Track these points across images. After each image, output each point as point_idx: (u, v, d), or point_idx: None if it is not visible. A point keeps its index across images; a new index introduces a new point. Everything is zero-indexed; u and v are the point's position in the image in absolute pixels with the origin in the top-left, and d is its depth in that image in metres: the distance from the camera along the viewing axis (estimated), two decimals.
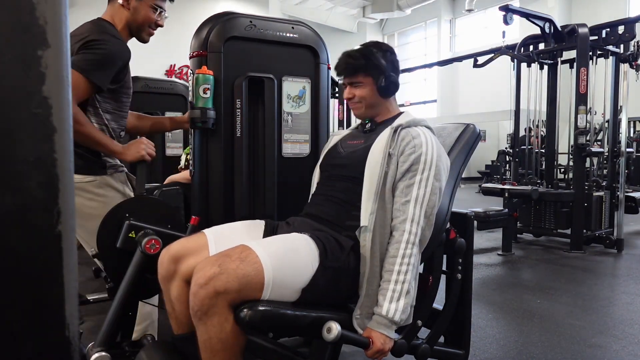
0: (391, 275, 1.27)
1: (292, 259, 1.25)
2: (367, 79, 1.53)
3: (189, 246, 1.39)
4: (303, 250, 1.28)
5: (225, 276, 1.14)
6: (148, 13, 1.73)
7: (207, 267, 1.16)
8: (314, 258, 1.28)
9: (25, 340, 0.43)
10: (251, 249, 1.21)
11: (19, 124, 0.42)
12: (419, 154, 1.35)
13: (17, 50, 0.41)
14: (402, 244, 1.29)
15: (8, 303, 0.42)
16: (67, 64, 0.45)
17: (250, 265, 1.17)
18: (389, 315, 1.25)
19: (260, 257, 1.19)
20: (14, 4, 0.41)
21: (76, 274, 0.47)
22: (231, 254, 1.19)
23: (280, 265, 1.21)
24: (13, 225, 0.42)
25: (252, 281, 1.16)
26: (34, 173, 0.42)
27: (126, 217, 1.64)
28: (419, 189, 1.33)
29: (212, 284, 1.13)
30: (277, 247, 1.27)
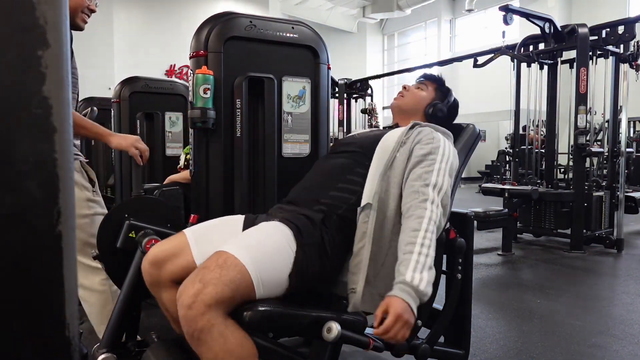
0: (414, 247, 1.18)
1: (269, 249, 1.22)
2: (431, 90, 1.68)
3: (168, 248, 1.37)
4: (277, 237, 1.26)
5: (212, 287, 1.08)
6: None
7: (189, 286, 1.10)
8: (289, 241, 1.26)
9: (25, 340, 0.43)
10: (227, 253, 1.16)
11: (19, 124, 0.42)
12: (437, 146, 1.37)
13: (17, 50, 0.41)
14: (425, 220, 1.21)
15: (8, 303, 0.42)
16: (67, 64, 0.45)
17: (233, 269, 1.12)
18: (414, 282, 1.12)
19: (239, 257, 1.15)
20: (14, 4, 0.41)
21: (76, 274, 0.47)
22: (208, 265, 1.14)
23: (260, 259, 1.18)
24: (13, 225, 0.42)
25: (241, 284, 1.13)
26: (34, 173, 0.42)
27: (126, 217, 1.64)
28: (438, 177, 1.31)
29: (200, 300, 1.07)
30: (251, 241, 1.24)
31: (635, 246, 4.72)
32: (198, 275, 1.11)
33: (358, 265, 1.30)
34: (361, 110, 8.91)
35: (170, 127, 3.55)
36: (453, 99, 1.71)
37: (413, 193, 1.28)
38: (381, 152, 1.41)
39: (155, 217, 1.69)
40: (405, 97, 1.67)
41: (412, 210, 1.25)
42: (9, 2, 0.41)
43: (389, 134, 1.46)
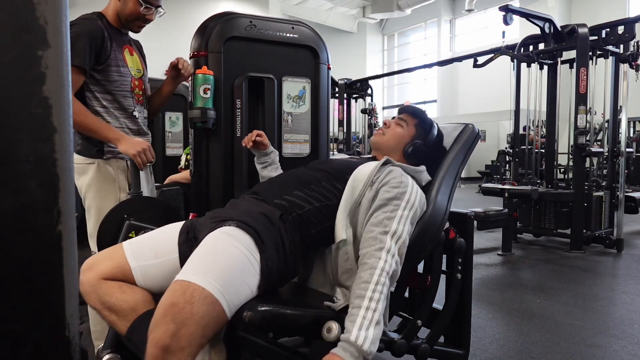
0: (362, 301, 1.15)
1: (234, 267, 1.16)
2: (411, 127, 1.62)
3: (100, 254, 1.34)
4: (237, 249, 1.19)
5: (186, 329, 1.03)
6: (134, 6, 1.76)
7: (161, 327, 1.03)
8: (251, 250, 1.21)
9: (25, 340, 0.43)
10: (192, 284, 1.08)
11: (19, 124, 0.42)
12: (403, 192, 1.35)
13: (17, 50, 0.41)
14: (377, 271, 1.19)
15: (8, 303, 0.42)
16: (67, 64, 0.45)
17: (203, 303, 1.06)
18: (358, 342, 1.09)
19: (206, 287, 1.08)
20: (14, 4, 0.41)
21: (76, 274, 0.47)
22: (176, 301, 1.06)
23: (228, 283, 1.12)
24: (13, 226, 0.42)
25: (213, 317, 1.08)
26: (34, 173, 0.42)
27: (126, 217, 1.64)
28: (399, 225, 1.29)
29: (176, 343, 1.02)
30: (212, 263, 1.15)
31: (635, 246, 4.72)
32: (168, 315, 1.04)
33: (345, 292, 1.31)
34: (361, 110, 8.91)
35: (170, 127, 3.56)
36: (436, 133, 1.63)
37: (371, 239, 1.26)
38: (352, 186, 1.39)
39: (155, 217, 1.69)
40: (386, 134, 1.63)
41: (366, 257, 1.24)
42: (9, 2, 0.41)
43: (362, 167, 1.43)
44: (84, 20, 1.73)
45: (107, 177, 1.79)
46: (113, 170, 1.79)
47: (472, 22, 15.55)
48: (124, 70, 1.81)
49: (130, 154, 1.69)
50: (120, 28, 1.83)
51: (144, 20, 1.81)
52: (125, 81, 1.82)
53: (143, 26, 1.84)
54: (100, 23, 1.75)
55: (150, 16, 1.81)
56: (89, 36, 1.68)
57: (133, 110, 1.85)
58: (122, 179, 1.80)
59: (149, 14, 1.79)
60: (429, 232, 1.43)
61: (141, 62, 1.93)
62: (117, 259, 1.29)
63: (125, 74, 1.82)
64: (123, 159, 1.80)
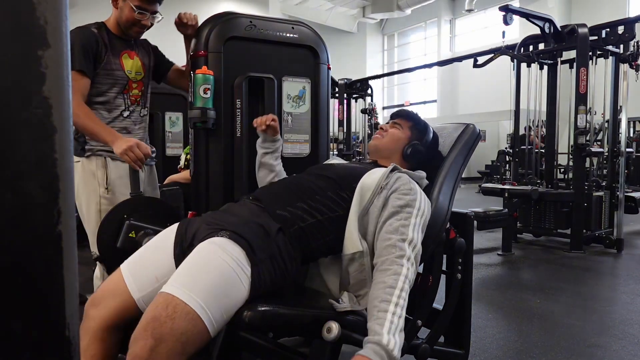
0: (389, 305, 1.15)
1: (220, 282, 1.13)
2: (406, 129, 1.64)
3: (105, 287, 1.31)
4: (225, 263, 1.16)
5: (164, 345, 1.02)
6: (130, 13, 1.83)
7: (140, 342, 1.03)
8: (241, 263, 1.17)
9: (25, 340, 0.43)
10: (176, 298, 1.07)
11: (19, 124, 0.42)
12: (414, 199, 1.35)
13: (17, 50, 0.41)
14: (401, 277, 1.19)
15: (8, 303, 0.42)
16: (67, 64, 0.45)
17: (184, 319, 1.05)
18: (389, 346, 1.08)
19: (190, 304, 1.07)
20: (14, 4, 0.41)
21: (76, 274, 0.47)
22: (157, 315, 1.05)
23: (212, 298, 1.10)
24: (13, 226, 0.42)
25: (194, 333, 1.07)
26: (34, 173, 0.42)
27: (125, 217, 1.64)
28: (414, 232, 1.29)
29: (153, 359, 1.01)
30: (198, 277, 1.13)
31: (635, 246, 4.72)
32: (148, 329, 1.04)
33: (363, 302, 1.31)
34: (361, 110, 8.91)
35: (170, 127, 3.56)
36: (432, 135, 1.66)
37: (389, 247, 1.26)
38: (360, 194, 1.38)
39: (155, 217, 1.69)
40: (385, 137, 1.63)
41: (387, 264, 1.23)
42: (9, 2, 0.41)
43: (370, 174, 1.42)
44: (77, 29, 1.82)
45: (90, 174, 1.86)
46: (93, 167, 1.86)
47: (472, 22, 15.55)
48: (118, 74, 1.89)
49: (117, 153, 1.73)
50: (121, 35, 1.91)
51: (140, 26, 1.88)
52: (117, 84, 1.90)
53: (141, 32, 1.92)
54: (96, 31, 1.83)
55: (146, 22, 1.87)
56: (82, 43, 1.78)
57: (123, 110, 1.92)
58: (100, 174, 1.86)
59: (145, 20, 1.86)
60: (431, 233, 1.43)
61: (143, 65, 1.98)
62: (121, 295, 1.27)
63: (118, 77, 1.89)
64: (101, 156, 1.86)
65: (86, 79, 1.80)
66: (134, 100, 1.96)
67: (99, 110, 1.87)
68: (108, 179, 1.85)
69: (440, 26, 15.94)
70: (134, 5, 1.81)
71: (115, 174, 1.87)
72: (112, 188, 1.85)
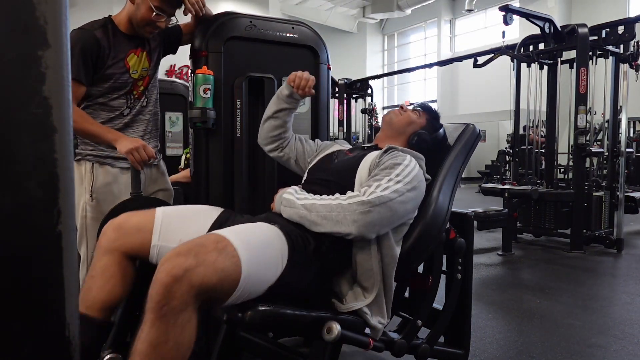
0: (323, 202, 1.25)
1: (265, 254, 1.18)
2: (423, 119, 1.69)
3: (134, 220, 1.34)
4: (275, 244, 1.21)
5: (204, 269, 1.01)
6: (147, 12, 1.75)
7: (181, 258, 1.01)
8: (283, 254, 1.21)
9: (25, 340, 0.43)
10: (228, 240, 1.09)
11: (19, 124, 0.42)
12: (401, 162, 1.35)
13: (17, 50, 0.41)
14: (333, 202, 1.24)
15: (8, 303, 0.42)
16: (67, 64, 0.45)
17: (229, 259, 1.06)
18: (298, 202, 1.28)
19: (239, 250, 1.09)
20: (14, 4, 0.41)
21: (76, 274, 0.47)
22: (206, 243, 1.07)
23: (256, 260, 1.13)
24: (13, 226, 0.42)
25: (229, 277, 1.06)
26: (34, 173, 0.42)
27: None
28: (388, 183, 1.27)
29: (188, 277, 0.99)
30: (252, 237, 1.18)
31: (635, 246, 4.72)
32: (192, 250, 1.04)
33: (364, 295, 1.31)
34: (361, 110, 8.91)
35: (170, 127, 3.55)
36: (442, 133, 1.68)
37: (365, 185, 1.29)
38: (359, 182, 1.40)
39: None
40: (402, 116, 1.67)
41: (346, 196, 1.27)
42: (9, 2, 0.41)
43: (364, 162, 1.44)
44: (77, 31, 1.75)
45: (78, 178, 1.83)
46: (82, 171, 1.83)
47: (472, 22, 15.54)
48: (123, 78, 1.82)
49: (122, 152, 1.70)
50: (131, 33, 1.82)
51: (154, 27, 1.80)
52: (122, 88, 1.84)
53: (154, 32, 1.84)
54: (100, 34, 1.75)
55: (162, 23, 1.80)
56: (82, 48, 1.71)
57: (124, 110, 1.87)
58: (87, 180, 1.82)
59: (160, 22, 1.79)
60: (431, 233, 1.43)
61: (149, 60, 1.91)
62: (144, 234, 1.31)
63: (123, 82, 1.83)
64: (90, 161, 1.83)
65: (82, 87, 1.73)
66: (137, 94, 1.90)
67: (98, 111, 1.82)
68: (93, 187, 1.80)
69: (440, 26, 15.94)
70: (154, 6, 1.73)
71: (102, 181, 1.82)
72: (96, 196, 1.81)
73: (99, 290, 1.29)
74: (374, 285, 1.30)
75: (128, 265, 1.32)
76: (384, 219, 1.24)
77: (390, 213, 1.24)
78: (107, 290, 1.29)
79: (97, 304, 1.29)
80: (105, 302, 1.29)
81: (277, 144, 1.72)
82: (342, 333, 1.17)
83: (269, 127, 1.70)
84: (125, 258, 1.32)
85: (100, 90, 1.81)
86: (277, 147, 1.72)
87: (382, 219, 1.24)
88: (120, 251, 1.31)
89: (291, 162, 1.73)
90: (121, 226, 1.33)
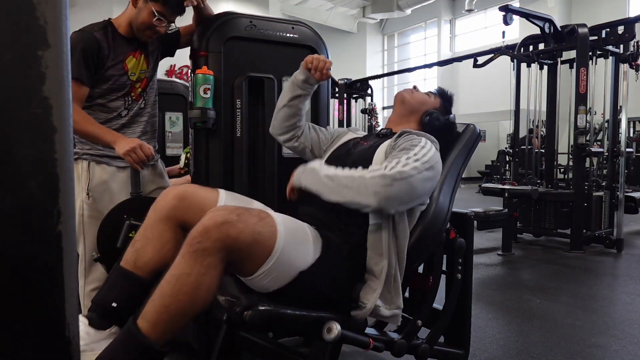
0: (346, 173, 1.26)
1: (301, 238, 1.25)
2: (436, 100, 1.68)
3: (200, 196, 1.37)
4: (310, 236, 1.28)
5: (243, 225, 1.11)
6: (148, 16, 1.75)
7: (225, 212, 1.12)
8: (317, 247, 1.27)
9: (25, 340, 0.43)
10: (269, 214, 1.21)
11: (19, 124, 0.42)
12: (417, 144, 1.36)
13: (17, 50, 0.41)
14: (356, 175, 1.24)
15: (8, 303, 0.42)
16: (67, 64, 0.45)
17: (267, 227, 1.16)
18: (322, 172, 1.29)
19: (278, 224, 1.18)
20: (14, 4, 0.41)
21: (76, 274, 0.47)
22: (251, 210, 1.18)
23: (291, 239, 1.20)
24: (13, 226, 0.42)
25: (264, 243, 1.14)
26: (34, 173, 0.42)
27: (126, 217, 1.64)
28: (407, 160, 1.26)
29: (226, 228, 1.08)
30: (291, 224, 1.26)
31: (635, 246, 4.72)
32: (237, 210, 1.14)
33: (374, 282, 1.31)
34: (361, 110, 8.91)
35: (170, 127, 3.55)
36: (453, 118, 1.68)
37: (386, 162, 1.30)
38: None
39: None
40: (415, 94, 1.66)
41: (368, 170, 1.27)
42: (9, 2, 0.41)
43: (379, 151, 1.45)
44: (77, 32, 1.75)
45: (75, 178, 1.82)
46: (79, 171, 1.83)
47: (472, 22, 15.54)
48: (121, 80, 1.83)
49: (120, 153, 1.71)
50: (130, 36, 1.83)
51: (154, 32, 1.80)
52: (120, 90, 1.84)
53: (153, 37, 1.84)
54: (100, 35, 1.76)
55: (161, 28, 1.80)
56: (82, 49, 1.72)
57: (122, 111, 1.87)
58: (84, 179, 1.82)
59: (161, 26, 1.79)
60: (431, 233, 1.43)
61: (147, 62, 1.91)
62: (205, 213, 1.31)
63: (121, 84, 1.83)
64: (86, 160, 1.83)
65: (84, 88, 1.75)
66: (135, 98, 1.90)
67: (97, 112, 1.82)
68: (90, 185, 1.81)
69: (440, 26, 15.93)
70: (156, 11, 1.74)
71: (98, 180, 1.82)
72: (93, 195, 1.81)
73: (154, 254, 1.32)
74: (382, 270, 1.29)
75: (181, 236, 1.32)
76: (403, 195, 1.23)
77: (410, 188, 1.24)
78: (161, 255, 1.32)
79: (149, 267, 1.32)
80: (157, 266, 1.32)
81: (292, 133, 1.69)
82: (342, 333, 1.17)
83: (284, 116, 1.67)
84: (180, 228, 1.34)
85: (99, 91, 1.81)
86: (292, 137, 1.69)
87: (402, 194, 1.23)
88: (179, 220, 1.34)
89: (307, 151, 1.72)
90: (185, 197, 1.35)
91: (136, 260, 1.32)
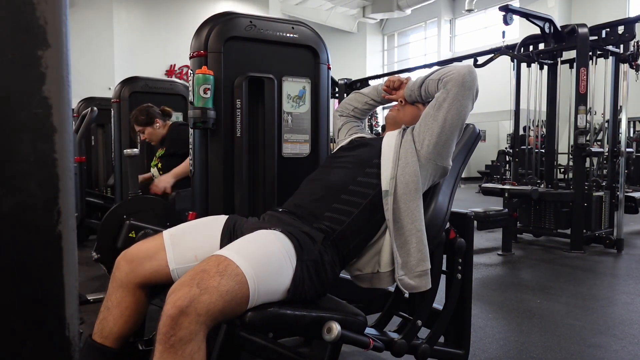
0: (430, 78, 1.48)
1: (271, 262, 1.18)
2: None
3: (145, 249, 1.36)
4: (278, 249, 1.22)
5: (208, 296, 1.03)
6: None
7: (185, 289, 1.03)
8: (290, 255, 1.23)
9: (25, 340, 0.43)
10: (229, 259, 1.11)
11: (19, 124, 0.42)
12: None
13: (17, 50, 0.41)
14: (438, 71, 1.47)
15: (8, 303, 0.42)
16: (67, 64, 0.45)
17: (232, 279, 1.07)
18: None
19: (241, 267, 1.10)
20: (14, 4, 0.41)
21: (76, 274, 0.47)
22: (208, 268, 1.08)
23: (262, 271, 1.13)
24: (13, 226, 0.42)
25: (237, 296, 1.08)
26: (34, 173, 0.42)
27: (125, 217, 1.64)
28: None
29: (194, 307, 1.01)
30: (253, 250, 1.18)
31: (635, 246, 4.72)
32: (195, 279, 1.05)
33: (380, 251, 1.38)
34: None
35: None
36: None
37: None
38: (388, 140, 1.48)
39: (155, 217, 1.69)
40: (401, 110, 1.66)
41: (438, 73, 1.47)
42: (9, 2, 0.41)
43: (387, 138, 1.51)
44: None
45: None
46: None
47: (472, 22, 15.54)
48: None
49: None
50: None
51: None
52: None
53: None
54: None
55: None
56: None
57: None
58: None
59: None
60: (431, 233, 1.43)
61: None
62: (158, 261, 1.33)
63: None
64: None
65: None
66: None
67: None
68: None
69: (440, 26, 15.93)
70: None
71: None
72: None
73: (115, 322, 1.33)
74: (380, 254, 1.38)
75: (142, 295, 1.36)
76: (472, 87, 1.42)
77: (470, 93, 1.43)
78: (122, 321, 1.33)
79: (113, 335, 1.33)
80: (121, 333, 1.33)
81: (347, 112, 1.83)
82: (342, 333, 1.17)
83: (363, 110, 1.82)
84: (139, 289, 1.35)
85: None
86: (345, 114, 1.84)
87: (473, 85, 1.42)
88: (134, 283, 1.34)
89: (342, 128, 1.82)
90: (133, 258, 1.35)
91: (102, 330, 1.33)
